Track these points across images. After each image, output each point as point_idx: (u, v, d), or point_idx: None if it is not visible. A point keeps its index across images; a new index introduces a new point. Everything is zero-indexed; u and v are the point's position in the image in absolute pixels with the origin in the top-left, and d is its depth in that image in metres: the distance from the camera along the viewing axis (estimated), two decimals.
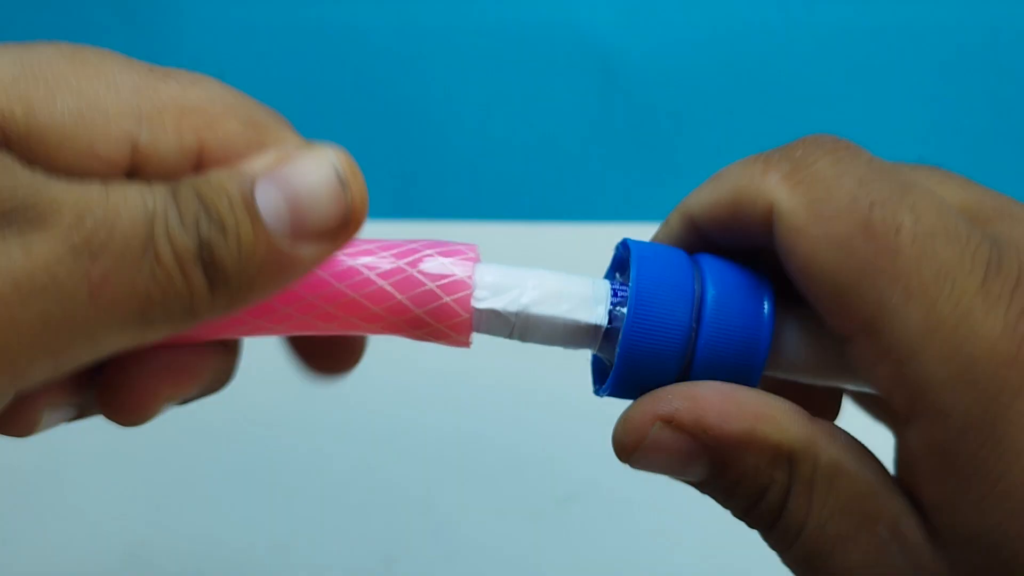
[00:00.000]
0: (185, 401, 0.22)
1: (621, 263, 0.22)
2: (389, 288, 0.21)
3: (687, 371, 0.20)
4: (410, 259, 0.21)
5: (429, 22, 0.55)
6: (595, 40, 0.56)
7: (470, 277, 0.21)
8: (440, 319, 0.21)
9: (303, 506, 0.42)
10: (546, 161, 0.56)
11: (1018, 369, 0.16)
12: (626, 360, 0.20)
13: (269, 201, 0.18)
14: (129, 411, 0.21)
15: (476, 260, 0.21)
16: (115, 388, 0.21)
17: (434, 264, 0.21)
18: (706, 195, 0.21)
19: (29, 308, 0.16)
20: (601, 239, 0.26)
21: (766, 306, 0.20)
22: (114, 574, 0.40)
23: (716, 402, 0.19)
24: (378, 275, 0.21)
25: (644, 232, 0.24)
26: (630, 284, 0.20)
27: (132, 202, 0.17)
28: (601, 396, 0.21)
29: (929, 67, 0.56)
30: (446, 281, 0.21)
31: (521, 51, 0.55)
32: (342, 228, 0.19)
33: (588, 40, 0.56)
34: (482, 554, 0.41)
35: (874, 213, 0.18)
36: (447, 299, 0.21)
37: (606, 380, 0.21)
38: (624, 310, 0.20)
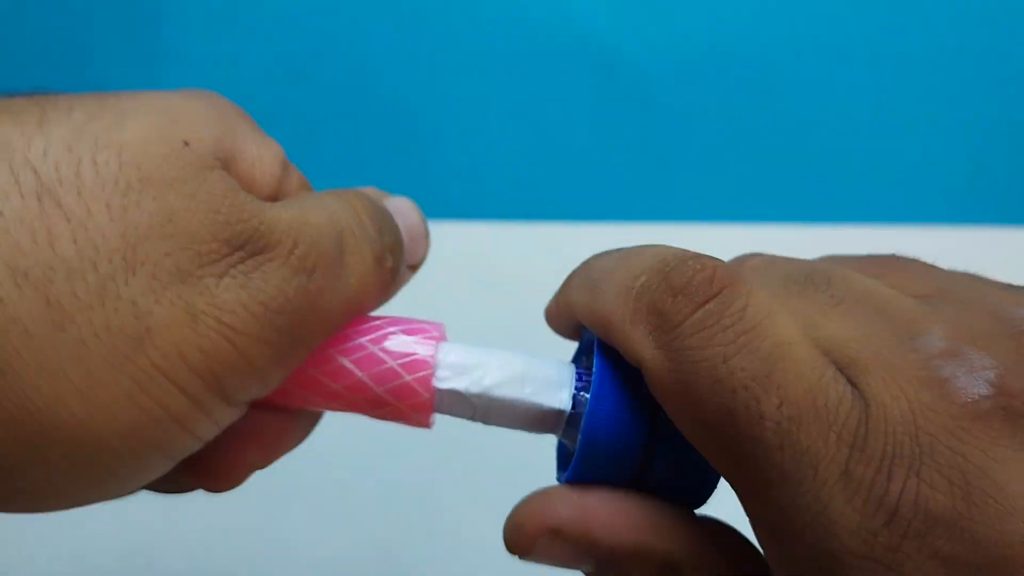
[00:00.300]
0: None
1: (589, 346, 0.22)
2: (349, 365, 0.21)
3: (651, 461, 0.20)
4: (372, 336, 0.21)
5: (428, 22, 0.54)
6: (595, 40, 0.55)
7: (432, 356, 0.21)
8: (401, 398, 0.21)
9: (303, 505, 0.42)
10: (546, 161, 0.55)
11: (872, 566, 0.16)
12: (587, 449, 0.20)
13: None
14: None
15: (441, 339, 0.21)
16: None
17: (396, 342, 0.21)
18: (583, 308, 0.21)
19: (271, 325, 0.18)
20: (601, 239, 0.25)
21: None
22: (114, 574, 0.41)
23: (603, 514, 0.19)
24: (339, 352, 0.21)
25: (644, 232, 0.23)
26: (593, 371, 0.20)
27: (323, 219, 0.19)
28: (562, 483, 0.21)
29: (926, 59, 0.55)
30: (408, 360, 0.21)
31: (520, 51, 0.55)
32: (419, 266, 0.22)
33: (588, 40, 0.55)
34: (483, 553, 0.41)
35: (737, 400, 0.17)
36: (408, 378, 0.20)
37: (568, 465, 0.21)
38: (588, 395, 0.20)
